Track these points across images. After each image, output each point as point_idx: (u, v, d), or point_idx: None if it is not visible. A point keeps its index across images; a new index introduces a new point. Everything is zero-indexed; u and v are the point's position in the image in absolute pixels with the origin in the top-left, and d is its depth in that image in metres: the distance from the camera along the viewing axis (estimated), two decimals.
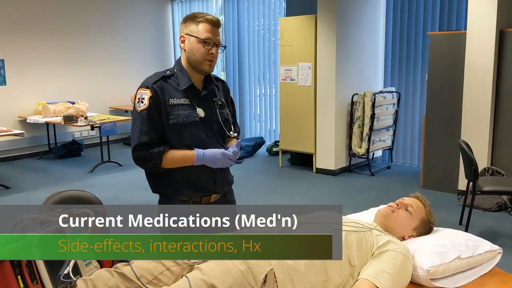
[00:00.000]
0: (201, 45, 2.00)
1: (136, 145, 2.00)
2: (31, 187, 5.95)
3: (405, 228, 1.94)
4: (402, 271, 1.67)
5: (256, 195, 5.52)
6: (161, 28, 9.29)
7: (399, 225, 1.93)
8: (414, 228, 1.95)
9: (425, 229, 1.98)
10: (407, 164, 6.80)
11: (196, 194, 2.08)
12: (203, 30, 2.00)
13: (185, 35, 2.03)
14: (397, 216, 1.94)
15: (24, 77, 7.51)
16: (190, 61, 2.04)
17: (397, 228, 1.93)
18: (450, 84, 5.26)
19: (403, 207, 1.96)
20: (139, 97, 2.01)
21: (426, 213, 2.00)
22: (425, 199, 2.06)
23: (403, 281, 1.68)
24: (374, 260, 1.68)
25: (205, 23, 2.01)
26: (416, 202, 2.01)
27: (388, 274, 1.61)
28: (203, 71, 2.06)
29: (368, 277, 1.60)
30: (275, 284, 1.53)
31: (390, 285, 1.59)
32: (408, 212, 1.95)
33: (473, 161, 4.04)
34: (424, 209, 2.00)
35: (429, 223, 1.99)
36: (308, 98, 6.36)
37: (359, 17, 6.36)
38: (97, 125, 6.71)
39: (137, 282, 1.50)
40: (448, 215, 4.68)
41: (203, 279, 1.45)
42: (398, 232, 1.93)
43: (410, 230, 1.95)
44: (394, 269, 1.64)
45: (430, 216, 2.01)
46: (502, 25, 4.90)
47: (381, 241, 1.75)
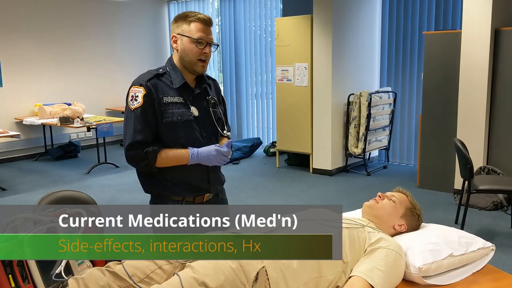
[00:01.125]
0: (194, 45, 1.99)
1: (130, 143, 1.97)
2: (28, 189, 5.94)
3: (392, 217, 1.95)
4: (394, 268, 1.67)
5: (254, 195, 5.52)
6: (157, 29, 9.29)
7: (386, 214, 1.95)
8: (402, 215, 1.96)
9: (412, 216, 1.98)
10: (404, 163, 6.81)
11: (189, 194, 2.07)
12: (195, 30, 1.98)
13: (177, 35, 2.02)
14: (382, 205, 1.97)
15: (20, 79, 7.50)
16: (183, 61, 2.03)
17: (385, 217, 1.94)
18: (446, 83, 5.27)
19: (386, 197, 2.00)
20: (132, 94, 1.99)
21: (410, 201, 2.02)
22: (406, 190, 2.09)
23: (396, 278, 1.68)
24: (367, 257, 1.69)
25: (197, 22, 1.99)
26: (397, 193, 2.05)
27: (380, 271, 1.61)
28: (195, 72, 2.05)
29: (361, 274, 1.60)
30: (266, 282, 1.53)
31: (382, 282, 1.59)
32: (392, 201, 1.98)
33: (468, 160, 4.05)
34: (407, 198, 2.03)
35: (415, 210, 2.00)
36: (305, 98, 6.37)
37: (355, 17, 6.37)
38: (93, 126, 6.70)
39: (128, 281, 1.49)
40: (444, 214, 4.69)
41: (194, 277, 1.45)
42: (387, 221, 1.94)
43: (398, 219, 1.95)
44: (387, 266, 1.64)
45: (415, 203, 2.02)
46: (497, 24, 4.91)
47: (374, 238, 1.76)
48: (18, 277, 1.37)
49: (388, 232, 1.92)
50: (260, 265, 1.54)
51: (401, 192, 2.06)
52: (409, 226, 1.97)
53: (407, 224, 1.96)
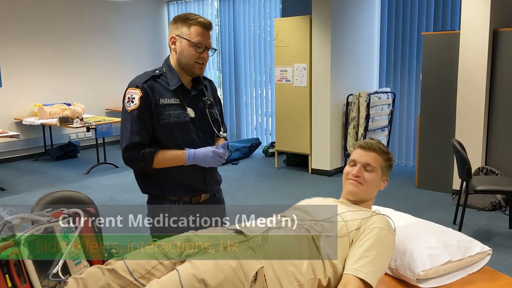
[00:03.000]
0: (193, 49, 1.99)
1: (127, 145, 1.99)
2: (27, 189, 5.95)
3: (376, 185, 1.90)
4: (382, 246, 1.64)
5: (252, 196, 5.53)
6: (157, 29, 9.29)
7: (371, 188, 1.88)
8: (382, 177, 1.90)
9: (390, 168, 1.93)
10: (402, 164, 6.81)
11: (186, 194, 2.08)
12: (195, 34, 1.99)
13: (176, 37, 2.02)
14: (366, 186, 1.87)
15: (20, 79, 7.50)
16: (181, 63, 2.04)
17: (370, 190, 1.89)
18: (444, 84, 5.28)
19: (363, 171, 1.88)
20: (129, 96, 2.00)
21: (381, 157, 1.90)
22: (369, 143, 1.91)
23: (387, 255, 1.66)
24: (353, 248, 1.65)
25: (197, 26, 1.99)
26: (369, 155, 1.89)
27: (367, 259, 1.59)
28: (194, 74, 2.06)
29: (350, 271, 1.58)
30: (264, 283, 1.53)
31: (372, 269, 1.57)
32: (370, 172, 1.87)
33: (466, 160, 4.06)
34: (379, 156, 1.89)
35: (390, 161, 1.93)
36: (304, 99, 6.37)
37: (354, 17, 6.38)
38: (93, 126, 6.71)
39: (129, 278, 1.49)
40: (443, 215, 4.70)
41: (193, 274, 1.45)
42: (373, 192, 1.90)
43: (380, 182, 1.91)
44: (373, 248, 1.61)
45: (386, 154, 1.91)
46: (496, 25, 4.92)
47: (354, 226, 1.71)
48: (15, 277, 1.37)
49: (371, 202, 1.91)
50: (259, 265, 1.54)
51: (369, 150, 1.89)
52: (388, 176, 1.93)
53: (388, 176, 1.92)
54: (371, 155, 1.88)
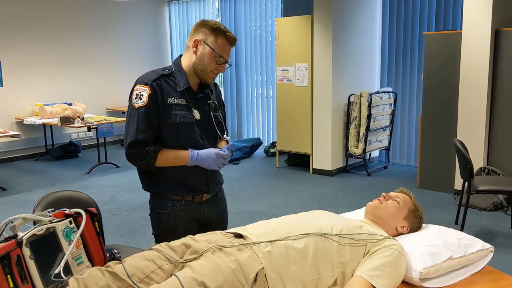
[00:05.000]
0: (214, 59, 2.01)
1: (131, 142, 1.98)
2: (28, 189, 5.94)
3: (395, 218, 1.94)
4: (396, 268, 1.67)
5: (253, 196, 5.52)
6: (158, 29, 9.29)
7: (390, 214, 1.94)
8: (405, 217, 1.96)
9: (415, 218, 1.98)
10: (404, 164, 6.81)
11: (188, 194, 2.08)
12: (220, 46, 2.01)
13: (200, 41, 2.02)
14: (386, 206, 1.95)
15: (21, 79, 7.51)
16: (196, 68, 2.04)
17: (388, 218, 1.94)
18: (446, 83, 5.27)
19: (390, 198, 1.99)
20: (137, 93, 1.99)
21: (413, 203, 2.01)
22: (409, 191, 2.08)
23: (398, 278, 1.67)
24: (369, 258, 1.68)
25: (225, 40, 2.02)
26: (401, 194, 2.04)
27: (382, 272, 1.61)
28: (205, 81, 2.08)
29: (363, 275, 1.59)
30: (265, 283, 1.53)
31: (385, 282, 1.59)
32: (395, 202, 1.97)
33: (468, 160, 4.04)
34: (410, 199, 2.02)
35: (418, 212, 2.00)
36: (305, 98, 6.37)
37: (355, 17, 6.37)
38: (94, 126, 6.71)
39: (128, 281, 1.49)
40: (444, 215, 4.68)
41: (193, 277, 1.45)
42: (390, 222, 1.94)
43: (401, 220, 1.95)
44: (389, 266, 1.64)
45: (417, 205, 2.02)
46: (498, 24, 4.91)
47: (375, 238, 1.75)
48: (17, 277, 1.36)
49: (390, 232, 1.92)
50: (259, 266, 1.54)
51: (405, 193, 2.06)
52: (410, 228, 1.97)
53: (409, 226, 1.96)
54: (403, 195, 2.03)
